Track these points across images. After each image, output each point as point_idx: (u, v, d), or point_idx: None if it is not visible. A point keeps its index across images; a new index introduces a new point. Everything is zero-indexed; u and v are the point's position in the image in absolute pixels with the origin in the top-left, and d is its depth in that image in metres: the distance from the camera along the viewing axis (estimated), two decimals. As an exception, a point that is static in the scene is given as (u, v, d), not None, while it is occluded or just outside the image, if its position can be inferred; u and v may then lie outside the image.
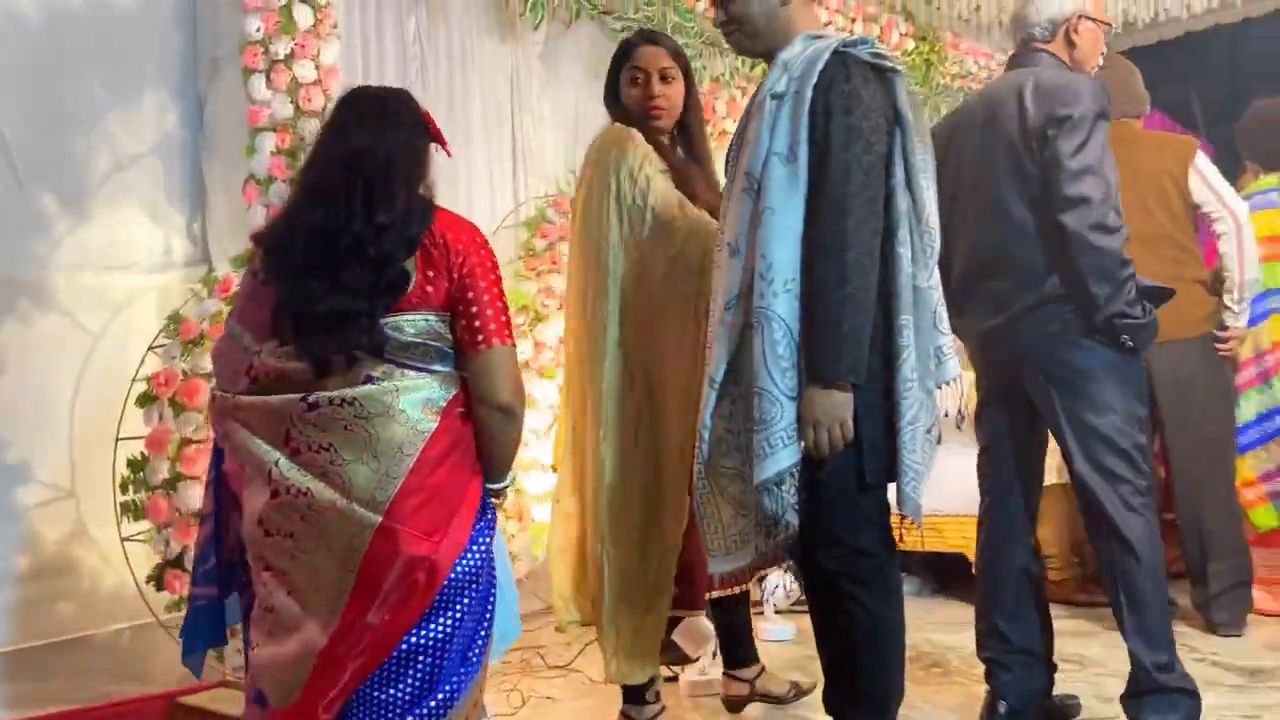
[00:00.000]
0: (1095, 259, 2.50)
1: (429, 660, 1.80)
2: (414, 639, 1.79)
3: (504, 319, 1.89)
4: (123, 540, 3.04)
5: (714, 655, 3.25)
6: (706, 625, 3.20)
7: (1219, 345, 3.54)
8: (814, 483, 2.07)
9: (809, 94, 2.04)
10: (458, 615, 1.83)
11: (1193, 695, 2.58)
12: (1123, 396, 2.60)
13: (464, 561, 1.83)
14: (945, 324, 2.17)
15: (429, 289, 1.83)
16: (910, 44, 6.11)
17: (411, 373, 1.84)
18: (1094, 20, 2.75)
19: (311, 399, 1.81)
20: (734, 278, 2.11)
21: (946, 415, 2.25)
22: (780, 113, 2.06)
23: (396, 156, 1.84)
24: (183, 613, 2.98)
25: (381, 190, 1.80)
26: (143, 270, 3.47)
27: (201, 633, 2.13)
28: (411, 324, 1.83)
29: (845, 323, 1.99)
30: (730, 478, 2.17)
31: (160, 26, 3.57)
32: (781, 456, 2.01)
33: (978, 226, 2.65)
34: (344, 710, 1.79)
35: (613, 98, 2.85)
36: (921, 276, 2.11)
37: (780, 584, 3.58)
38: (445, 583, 1.81)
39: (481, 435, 1.89)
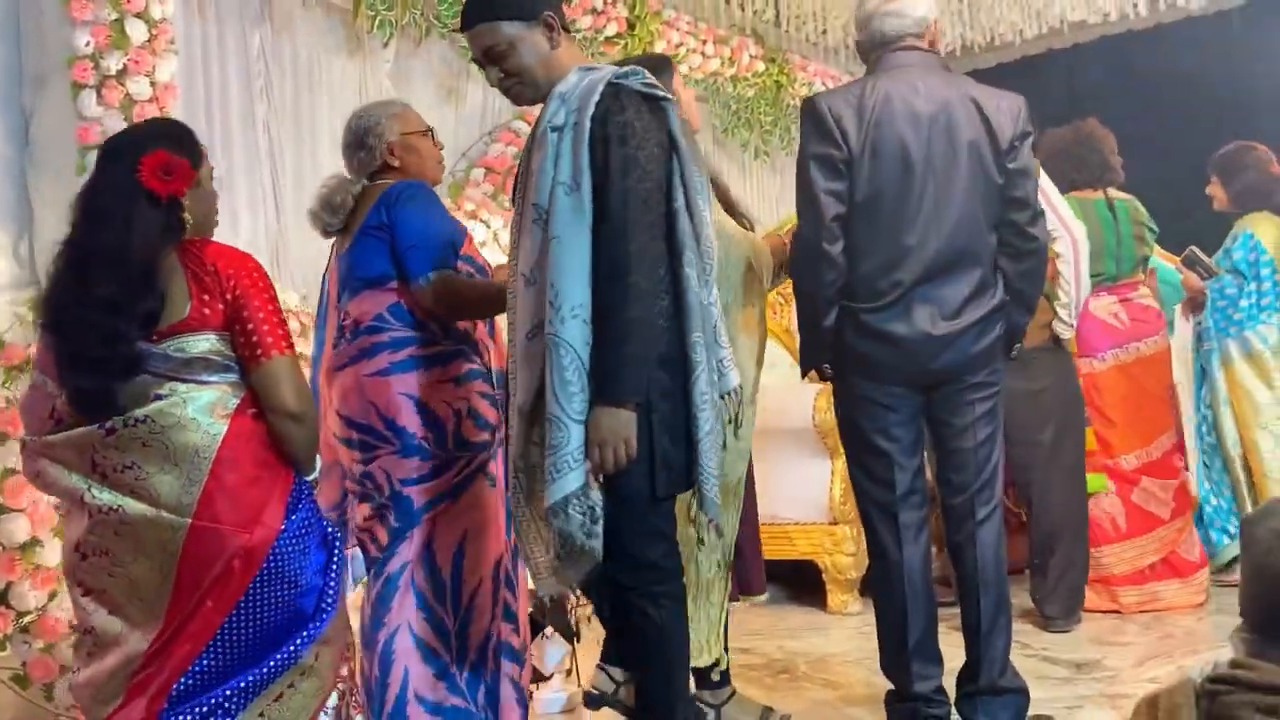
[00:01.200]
0: (1043, 272, 2.79)
1: (250, 634, 1.92)
2: (235, 619, 1.91)
3: (280, 331, 2.00)
4: (-59, 577, 2.89)
5: (569, 673, 3.25)
6: (561, 642, 3.21)
7: None
8: (610, 501, 2.12)
9: (587, 124, 2.10)
10: (282, 596, 1.94)
11: (1022, 693, 2.71)
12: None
13: (281, 545, 1.93)
14: (724, 338, 2.26)
15: (206, 311, 1.98)
16: (760, 66, 6.27)
17: (195, 385, 1.96)
18: None
19: (108, 425, 1.91)
20: (533, 307, 2.15)
21: (730, 420, 2.34)
22: (562, 144, 2.12)
23: (107, 242, 1.96)
24: (8, 651, 2.86)
25: (99, 269, 1.95)
26: (-36, 293, 3.31)
27: None
28: (194, 344, 1.97)
29: (629, 344, 2.05)
30: None
31: (-20, 38, 3.42)
32: (569, 480, 2.05)
33: (936, 227, 2.61)
34: (173, 693, 1.89)
35: None
36: (704, 294, 2.19)
37: (565, 651, 3.49)
38: (262, 567, 1.91)
39: (278, 443, 1.99)
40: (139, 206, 1.97)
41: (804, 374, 2.96)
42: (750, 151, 6.41)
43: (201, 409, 1.92)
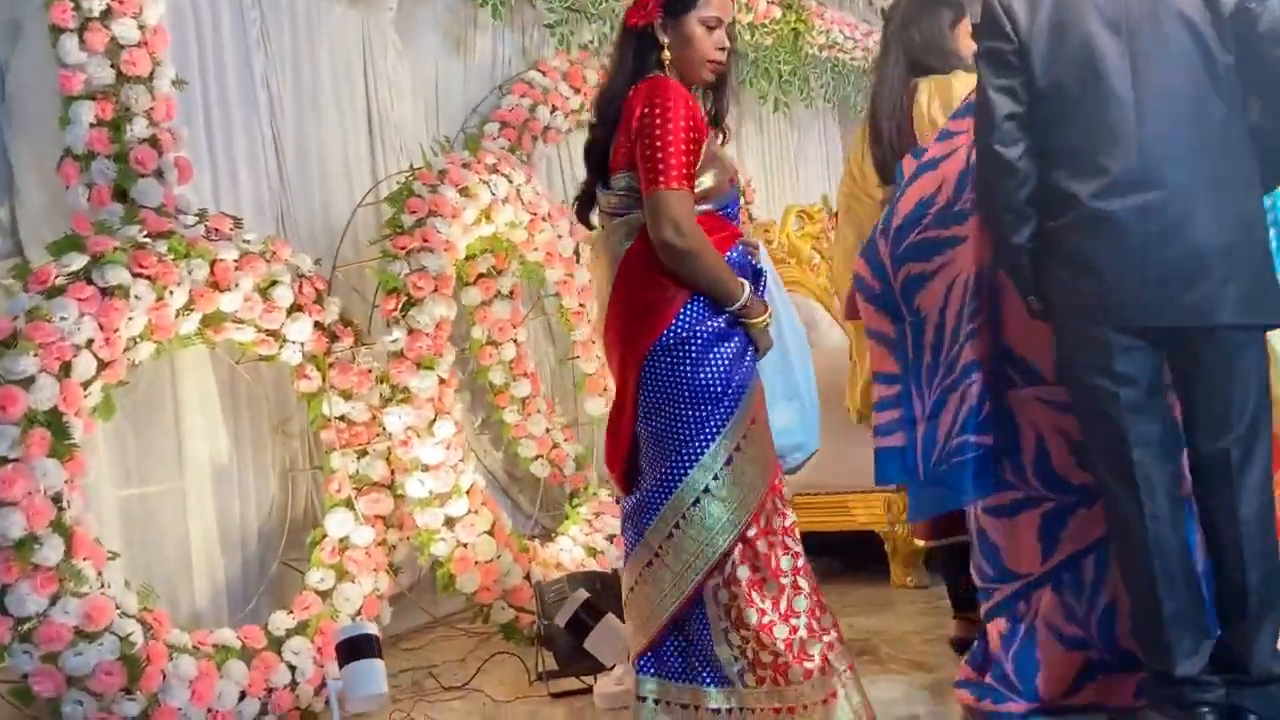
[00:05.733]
0: None
1: (655, 420, 2.25)
2: (641, 399, 2.27)
3: (668, 164, 2.17)
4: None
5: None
6: (622, 629, 2.91)
7: None
8: None
9: None
10: (670, 395, 2.23)
11: None
12: None
13: (659, 354, 2.23)
14: None
15: (621, 150, 2.30)
16: (778, 12, 5.93)
17: (617, 219, 2.33)
18: None
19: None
20: None
21: None
22: None
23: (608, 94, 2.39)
24: (6, 663, 2.54)
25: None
26: (-60, 265, 2.97)
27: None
28: (617, 181, 2.33)
29: None
30: None
31: (-54, -17, 3.07)
32: None
33: (1138, 120, 2.18)
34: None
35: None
36: None
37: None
38: (644, 365, 2.24)
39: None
40: (623, 40, 2.37)
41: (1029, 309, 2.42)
42: (769, 104, 6.07)
43: (618, 238, 2.30)
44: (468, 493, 3.33)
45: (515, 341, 4.26)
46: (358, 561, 3.24)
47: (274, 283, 3.16)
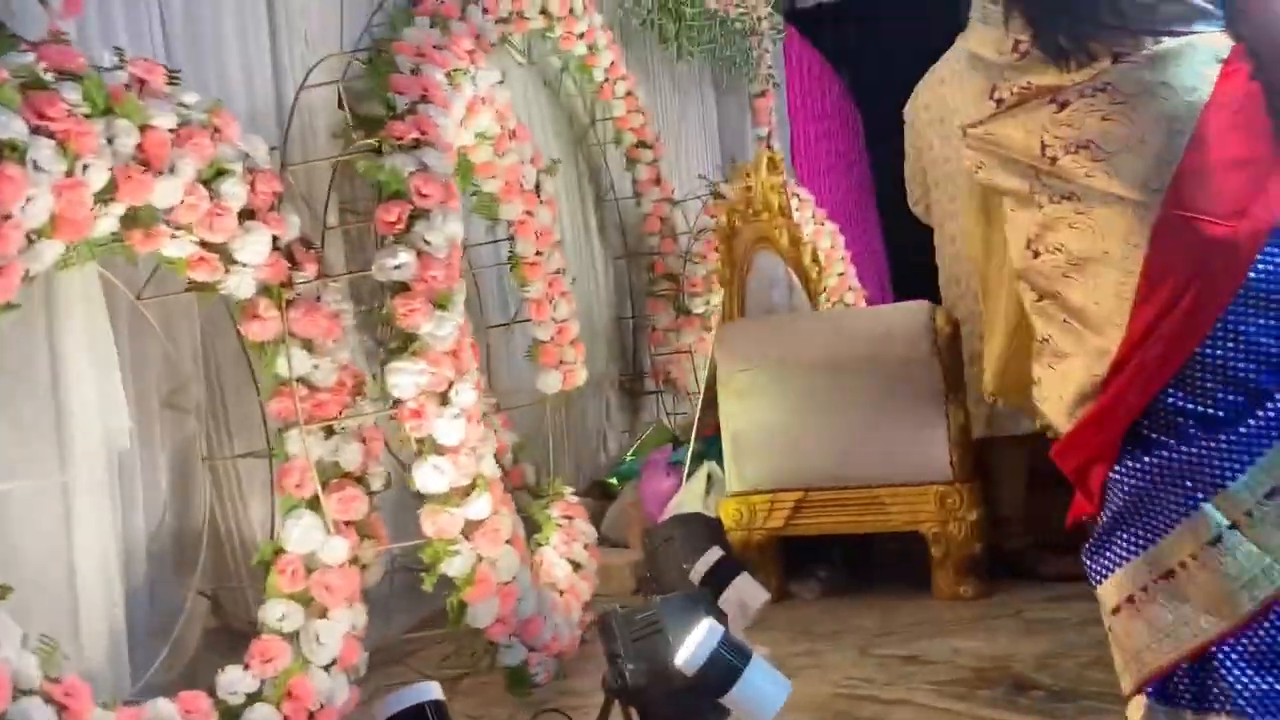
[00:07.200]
0: None
1: (1236, 365, 1.51)
2: (1214, 344, 1.51)
3: None
4: None
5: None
6: (758, 590, 2.16)
7: None
8: None
9: None
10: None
11: None
12: None
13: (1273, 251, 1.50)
14: None
15: None
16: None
17: (1169, 40, 1.54)
18: None
19: (1061, 99, 1.60)
20: None
21: None
22: None
23: None
24: None
25: None
26: None
27: None
28: None
29: None
30: None
31: None
32: None
33: None
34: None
35: None
36: None
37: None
38: (1249, 275, 1.50)
39: None
40: None
41: None
42: (672, 50, 5.32)
43: (1180, 69, 1.53)
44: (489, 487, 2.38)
45: (451, 298, 3.30)
46: (331, 588, 2.23)
47: (221, 171, 2.11)
